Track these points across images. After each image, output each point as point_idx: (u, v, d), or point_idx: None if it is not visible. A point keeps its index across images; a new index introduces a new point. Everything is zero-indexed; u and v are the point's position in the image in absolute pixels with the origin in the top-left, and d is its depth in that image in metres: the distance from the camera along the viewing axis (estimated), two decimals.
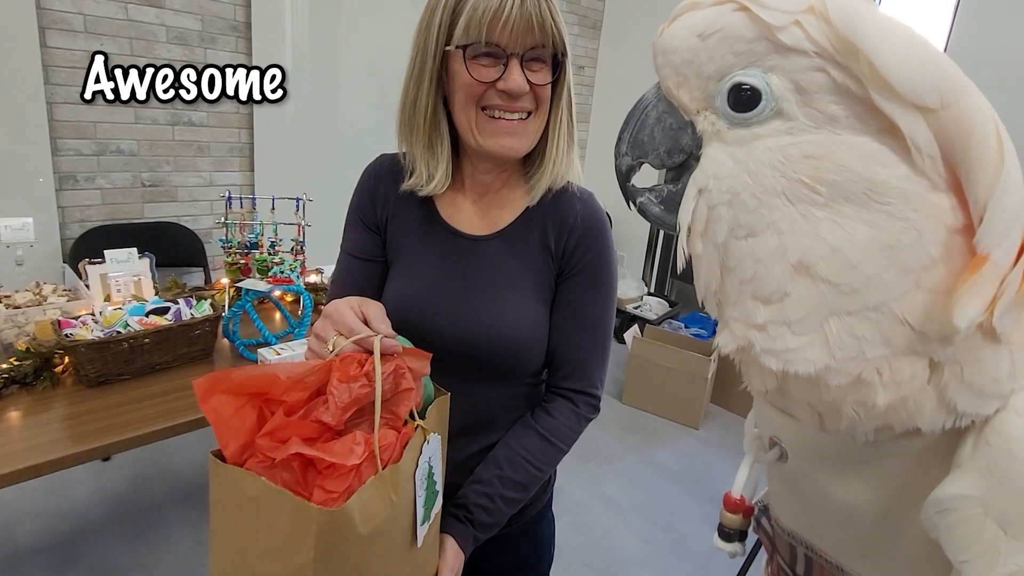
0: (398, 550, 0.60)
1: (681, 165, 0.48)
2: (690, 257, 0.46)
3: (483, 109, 0.74)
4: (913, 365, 0.40)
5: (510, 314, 0.79)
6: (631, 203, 0.51)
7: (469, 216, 0.83)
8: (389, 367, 0.58)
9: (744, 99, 0.41)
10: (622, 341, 3.45)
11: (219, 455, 0.54)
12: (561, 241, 0.81)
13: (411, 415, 0.61)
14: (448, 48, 0.72)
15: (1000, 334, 0.38)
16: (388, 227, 0.85)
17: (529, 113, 0.75)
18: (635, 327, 3.15)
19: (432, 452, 0.63)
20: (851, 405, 0.42)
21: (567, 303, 0.82)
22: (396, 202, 0.84)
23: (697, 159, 0.45)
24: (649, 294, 4.04)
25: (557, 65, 0.74)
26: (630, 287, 4.01)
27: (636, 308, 3.84)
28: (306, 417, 0.54)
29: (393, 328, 0.64)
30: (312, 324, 1.71)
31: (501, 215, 0.83)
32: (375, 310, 0.64)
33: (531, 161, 0.81)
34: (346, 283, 0.85)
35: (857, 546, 0.52)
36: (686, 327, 3.33)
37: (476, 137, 0.75)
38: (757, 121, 0.41)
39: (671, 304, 3.89)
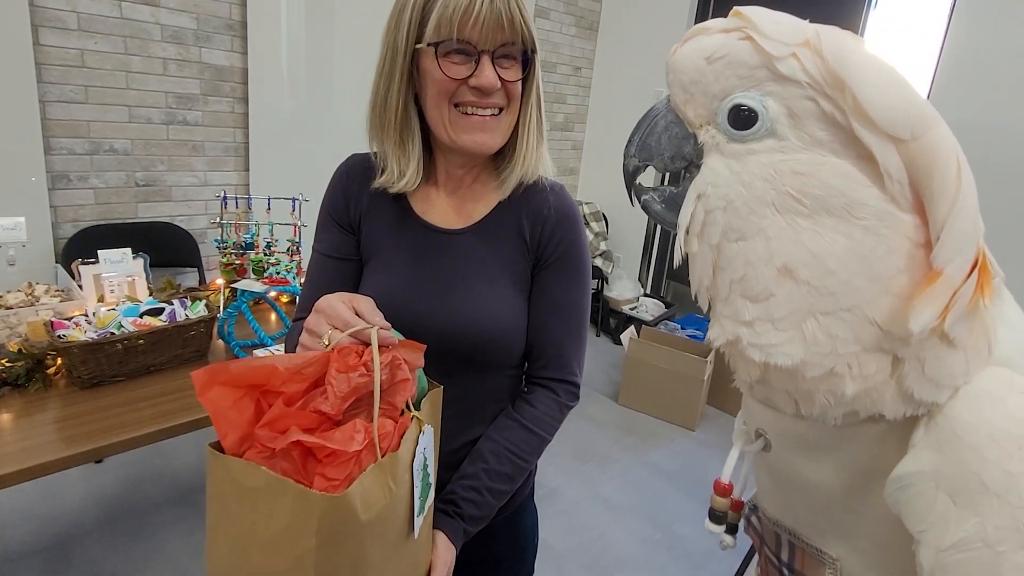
0: (395, 539, 0.61)
1: (682, 171, 0.52)
2: (686, 255, 0.50)
3: (456, 106, 0.75)
4: (878, 361, 0.45)
5: (488, 304, 0.80)
6: (635, 199, 0.55)
7: (443, 211, 0.84)
8: (386, 358, 0.58)
9: (743, 118, 0.46)
10: (618, 342, 3.45)
11: (217, 448, 0.54)
12: (536, 232, 0.83)
13: (407, 406, 0.61)
14: (419, 46, 0.73)
15: (954, 339, 0.43)
16: (362, 226, 0.86)
17: (501, 109, 0.77)
18: (631, 328, 3.15)
19: (427, 443, 0.64)
20: (823, 393, 0.47)
21: (543, 292, 0.83)
22: (369, 200, 0.85)
23: (697, 166, 0.50)
24: (645, 295, 4.04)
25: (527, 62, 0.75)
26: (626, 288, 4.02)
27: (632, 309, 3.84)
28: (305, 407, 0.54)
29: None
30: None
31: (475, 209, 0.84)
32: (366, 304, 0.64)
33: (502, 156, 0.83)
34: (321, 284, 0.85)
35: (830, 526, 0.57)
36: (682, 328, 3.33)
37: (449, 133, 0.76)
38: (753, 138, 0.46)
39: (667, 305, 3.89)
